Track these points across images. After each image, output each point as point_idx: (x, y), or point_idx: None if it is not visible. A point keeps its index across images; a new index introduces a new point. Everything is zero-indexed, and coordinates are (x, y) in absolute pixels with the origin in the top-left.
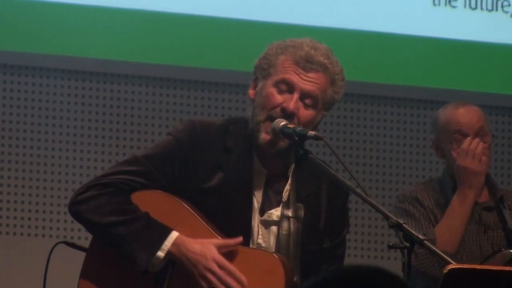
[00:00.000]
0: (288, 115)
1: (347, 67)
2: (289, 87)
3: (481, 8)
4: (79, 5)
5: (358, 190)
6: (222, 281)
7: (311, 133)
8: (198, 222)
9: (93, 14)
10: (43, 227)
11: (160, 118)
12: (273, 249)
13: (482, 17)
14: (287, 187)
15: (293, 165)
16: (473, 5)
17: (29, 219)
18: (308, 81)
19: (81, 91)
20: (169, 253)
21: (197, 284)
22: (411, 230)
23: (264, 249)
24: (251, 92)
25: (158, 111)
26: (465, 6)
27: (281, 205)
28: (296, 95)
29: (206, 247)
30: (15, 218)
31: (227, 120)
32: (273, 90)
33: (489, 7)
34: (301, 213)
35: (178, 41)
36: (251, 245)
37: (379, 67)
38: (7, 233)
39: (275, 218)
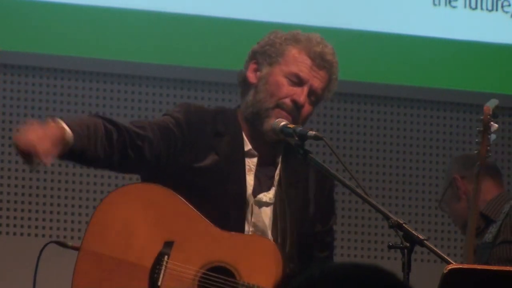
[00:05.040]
0: (298, 107)
1: (347, 67)
2: (300, 81)
3: (481, 8)
4: (79, 5)
5: (358, 190)
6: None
7: (311, 133)
8: (194, 213)
9: (93, 14)
10: (43, 227)
11: None
12: (268, 230)
13: (482, 17)
14: (278, 171)
15: (281, 154)
16: (473, 5)
17: (29, 219)
18: (317, 78)
19: (81, 91)
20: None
21: (192, 280)
22: (411, 230)
23: (259, 232)
24: (251, 75)
25: (158, 111)
26: (465, 6)
27: (272, 188)
28: (306, 89)
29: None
30: (15, 218)
31: (215, 108)
32: (284, 80)
33: (489, 7)
34: (293, 197)
35: (178, 41)
36: (246, 225)
37: (379, 67)
38: (7, 233)
39: (268, 200)
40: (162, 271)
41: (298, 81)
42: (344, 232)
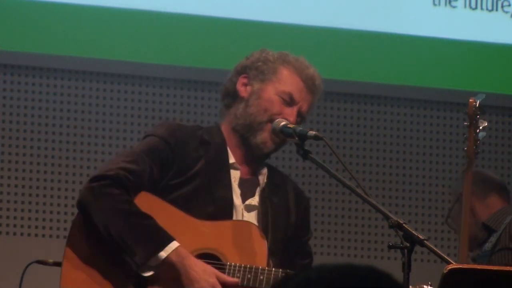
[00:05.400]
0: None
1: (347, 67)
2: (292, 101)
3: (481, 8)
4: (79, 5)
5: (358, 190)
6: None
7: (311, 133)
8: (173, 209)
9: (93, 14)
10: (43, 227)
11: (160, 118)
12: None
13: (482, 17)
14: (262, 182)
15: (265, 168)
16: (473, 5)
17: (29, 219)
18: (306, 102)
19: (81, 91)
20: (168, 258)
21: None
22: (411, 230)
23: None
24: (241, 88)
25: (158, 111)
26: (465, 6)
27: (256, 194)
28: (296, 110)
29: (208, 271)
30: (15, 218)
31: (195, 125)
32: (277, 98)
33: (489, 7)
34: (275, 202)
35: (178, 41)
36: None
37: (379, 67)
38: (7, 233)
39: (256, 203)
40: (164, 272)
41: (290, 101)
42: (344, 232)
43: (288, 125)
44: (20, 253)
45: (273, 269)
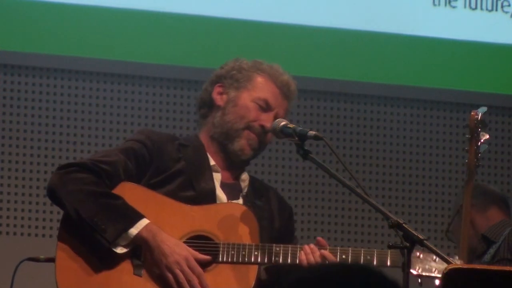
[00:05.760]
0: (265, 131)
1: (348, 67)
2: (268, 107)
3: (481, 8)
4: (79, 5)
5: (358, 190)
6: (188, 278)
7: (311, 133)
8: (161, 196)
9: (93, 14)
10: (43, 227)
11: (160, 118)
12: None
13: (482, 17)
14: (243, 187)
15: (246, 173)
16: (473, 5)
17: (29, 219)
18: (282, 108)
19: (81, 91)
20: (139, 235)
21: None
22: (411, 230)
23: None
24: (217, 97)
25: (158, 111)
26: (465, 6)
27: (240, 197)
28: (272, 116)
29: (181, 245)
30: (15, 218)
31: (171, 134)
32: (253, 105)
33: (489, 7)
34: (259, 206)
35: (178, 41)
36: None
37: (379, 67)
38: (7, 233)
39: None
40: (143, 250)
41: (266, 107)
42: (344, 232)
43: (288, 125)
44: (12, 252)
45: (267, 244)
